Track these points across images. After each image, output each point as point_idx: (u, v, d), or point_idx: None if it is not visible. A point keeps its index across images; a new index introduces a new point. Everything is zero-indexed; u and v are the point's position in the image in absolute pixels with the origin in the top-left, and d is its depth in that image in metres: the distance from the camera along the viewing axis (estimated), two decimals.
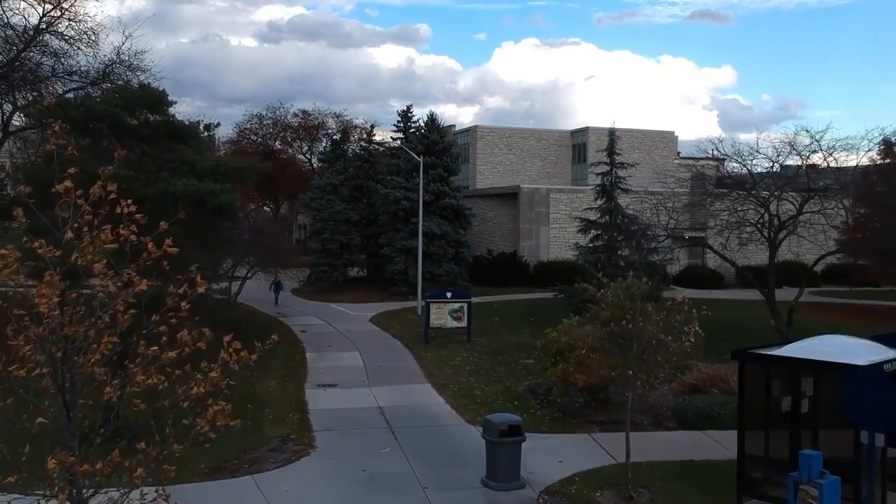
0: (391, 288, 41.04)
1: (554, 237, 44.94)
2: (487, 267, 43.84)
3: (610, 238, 31.48)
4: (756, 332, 25.67)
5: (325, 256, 42.76)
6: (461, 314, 27.39)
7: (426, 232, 39.41)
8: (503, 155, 62.44)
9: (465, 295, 28.05)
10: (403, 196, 40.49)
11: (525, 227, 44.49)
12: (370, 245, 44.79)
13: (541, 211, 44.66)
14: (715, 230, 26.81)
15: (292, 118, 67.16)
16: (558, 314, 35.17)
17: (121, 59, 28.17)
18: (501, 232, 47.83)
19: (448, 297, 27.50)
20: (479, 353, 25.58)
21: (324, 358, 25.10)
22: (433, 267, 40.34)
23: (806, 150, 19.38)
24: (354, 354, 25.61)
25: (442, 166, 41.22)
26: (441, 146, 41.40)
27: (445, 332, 27.77)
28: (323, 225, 42.69)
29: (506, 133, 63.12)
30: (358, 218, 43.94)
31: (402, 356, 25.36)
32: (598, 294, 17.41)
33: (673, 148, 66.75)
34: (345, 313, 35.55)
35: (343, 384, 21.22)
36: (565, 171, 64.69)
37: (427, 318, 27.23)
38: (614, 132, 31.74)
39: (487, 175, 61.83)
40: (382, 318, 33.76)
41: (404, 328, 30.83)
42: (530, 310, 35.31)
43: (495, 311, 35.00)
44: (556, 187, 48.18)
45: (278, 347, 25.92)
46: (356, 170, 46.27)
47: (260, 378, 21.63)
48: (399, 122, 48.24)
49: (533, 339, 27.81)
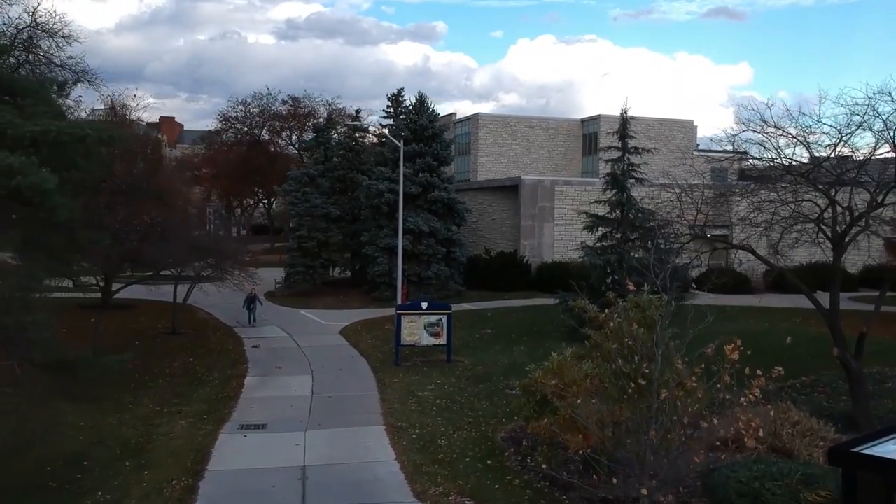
0: (374, 292, 36.30)
1: (559, 235, 39.99)
2: (485, 268, 38.97)
3: (621, 236, 26.55)
4: (805, 356, 20.74)
5: (301, 256, 38.04)
6: (439, 329, 22.58)
7: (412, 229, 34.64)
8: (507, 145, 57.54)
9: (443, 305, 23.21)
10: (387, 188, 35.71)
11: (527, 224, 39.59)
12: (354, 244, 40.05)
13: (545, 206, 39.72)
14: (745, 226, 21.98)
15: (281, 106, 62.40)
16: (561, 327, 30.40)
17: (37, 22, 23.56)
18: (501, 229, 42.93)
19: (423, 307, 22.68)
20: (457, 378, 20.76)
21: (266, 384, 20.38)
22: (420, 269, 35.58)
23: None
24: (305, 379, 20.87)
25: (431, 154, 36.38)
26: (431, 131, 36.53)
27: (421, 351, 22.99)
28: (299, 221, 37.96)
29: (510, 121, 58.19)
30: (339, 213, 39.17)
31: (362, 382, 20.58)
32: (600, 316, 12.65)
33: (692, 138, 61.53)
34: (315, 323, 30.82)
35: (274, 425, 16.48)
36: (575, 164, 59.70)
37: (398, 334, 22.45)
38: (626, 114, 26.73)
39: (490, 167, 56.98)
40: (355, 329, 29.01)
41: (377, 343, 26.07)
42: (530, 320, 30.44)
43: (488, 321, 30.16)
44: (561, 179, 43.21)
45: (214, 370, 21.27)
46: (340, 159, 41.52)
47: (168, 417, 16.94)
48: (389, 108, 43.42)
49: (528, 360, 22.98)
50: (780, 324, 27.25)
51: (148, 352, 23.88)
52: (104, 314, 29.82)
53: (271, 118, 63.04)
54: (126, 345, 24.68)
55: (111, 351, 23.33)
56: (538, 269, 39.03)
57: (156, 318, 29.47)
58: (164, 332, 27.33)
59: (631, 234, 26.31)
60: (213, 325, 29.52)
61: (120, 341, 25.24)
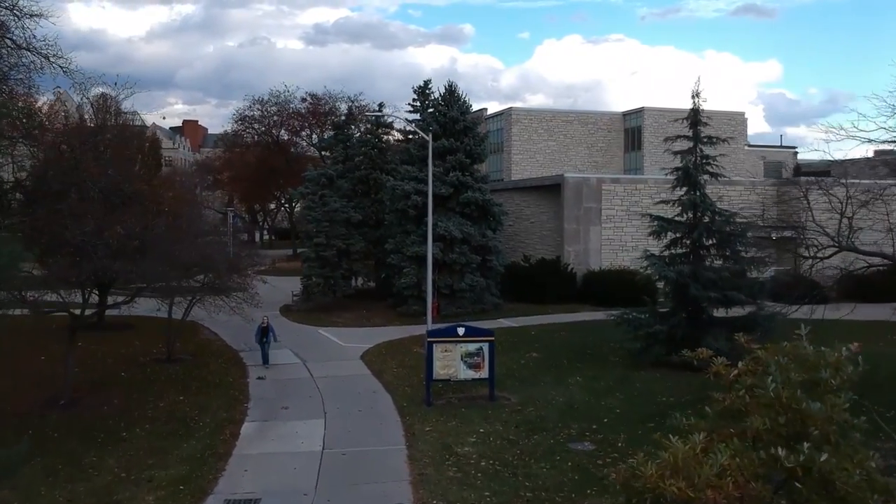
0: (400, 306, 32.29)
1: (607, 239, 35.69)
2: (523, 278, 34.78)
3: (693, 243, 22.22)
4: None
5: (320, 266, 34.15)
6: (480, 360, 18.47)
7: (443, 235, 30.59)
8: (543, 142, 53.26)
9: (484, 331, 19.05)
10: (415, 189, 31.70)
11: (571, 228, 35.32)
12: (377, 251, 36.11)
13: (591, 206, 35.42)
14: None
15: (300, 104, 58.64)
16: (619, 348, 26.14)
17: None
18: (540, 233, 38.70)
19: (460, 333, 18.57)
20: (504, 425, 16.61)
21: (267, 433, 16.43)
22: (453, 280, 31.49)
23: None
24: (316, 426, 16.89)
25: (463, 150, 32.29)
26: (462, 125, 32.45)
27: (458, 386, 18.91)
28: (316, 227, 34.09)
29: (546, 116, 53.90)
30: (361, 217, 35.24)
31: (386, 430, 16.55)
32: (731, 375, 8.48)
33: (743, 132, 56.79)
34: (332, 345, 26.89)
35: (270, 499, 12.51)
36: (616, 161, 55.25)
37: (429, 367, 18.37)
38: (699, 96, 22.34)
39: (524, 166, 52.77)
40: (379, 352, 25.01)
41: (404, 371, 22.04)
42: (580, 340, 26.23)
43: (532, 342, 25.98)
44: (609, 176, 38.84)
45: (206, 412, 17.42)
46: (362, 158, 37.60)
47: (133, 489, 13.02)
48: (415, 101, 39.42)
49: (589, 396, 18.79)
50: (888, 348, 22.65)
51: (133, 387, 20.10)
52: (94, 336, 26.34)
53: (290, 117, 59.33)
54: (107, 379, 20.96)
55: (84, 388, 19.72)
56: (584, 279, 34.77)
57: (153, 339, 25.73)
58: (157, 359, 23.58)
59: (706, 239, 21.98)
60: (215, 349, 25.71)
61: (101, 374, 21.54)
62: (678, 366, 21.02)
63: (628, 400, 18.46)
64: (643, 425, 16.31)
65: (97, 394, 19.22)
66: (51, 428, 16.34)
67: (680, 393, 18.86)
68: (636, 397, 18.71)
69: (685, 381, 19.89)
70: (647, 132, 53.57)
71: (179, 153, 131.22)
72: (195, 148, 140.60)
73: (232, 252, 36.46)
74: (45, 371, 20.47)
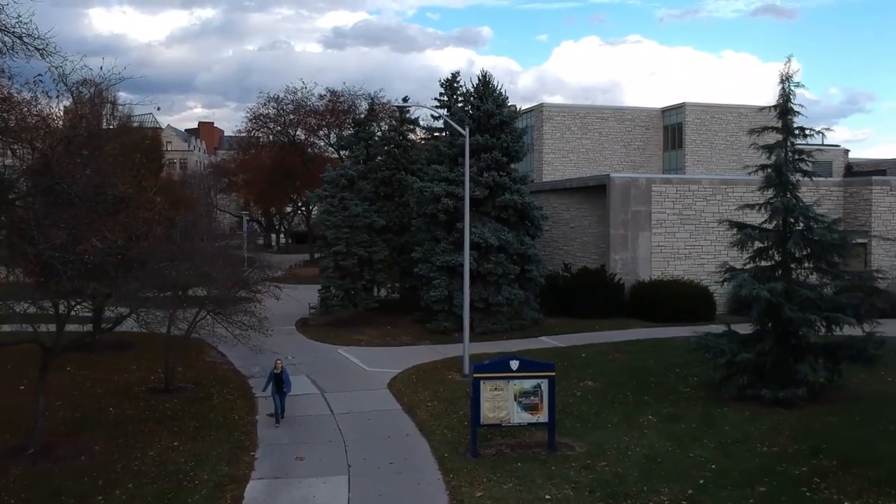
0: (430, 322, 28.95)
1: (658, 246, 32.16)
2: (565, 289, 31.35)
3: (783, 255, 18.66)
4: None
5: (339, 277, 30.88)
6: (538, 400, 15.06)
7: (478, 242, 27.25)
8: (576, 140, 49.74)
9: (542, 365, 15.58)
10: (445, 191, 28.37)
11: (617, 234, 31.82)
12: (403, 259, 32.83)
13: (639, 210, 31.90)
14: None
15: (318, 101, 55.37)
16: (687, 374, 22.61)
17: None
18: (582, 239, 35.22)
19: (513, 367, 15.15)
20: (575, 489, 13.17)
21: (277, 497, 13.12)
22: (488, 292, 28.13)
23: None
24: (338, 485, 13.57)
25: (500, 148, 28.91)
26: (498, 119, 29.06)
27: (508, 430, 15.52)
28: (335, 233, 30.82)
29: (580, 112, 50.37)
30: (385, 223, 31.96)
31: (425, 495, 13.17)
32: None
33: None
34: (355, 369, 23.59)
35: None
36: (655, 159, 51.65)
37: (476, 409, 14.98)
38: (789, 78, 18.77)
39: (557, 165, 49.30)
40: (409, 379, 21.68)
41: (440, 406, 18.69)
42: (640, 364, 22.76)
43: (584, 366, 22.56)
44: (660, 176, 35.29)
45: (203, 466, 14.20)
46: (385, 157, 34.35)
47: None
48: (441, 95, 36.17)
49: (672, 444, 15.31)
50: None
51: (120, 428, 16.88)
52: (86, 360, 23.26)
53: (307, 115, 56.12)
54: (92, 416, 17.77)
55: (63, 429, 16.56)
56: (633, 291, 31.29)
57: (153, 362, 22.59)
58: (154, 389, 20.41)
59: (800, 250, 18.41)
60: (221, 375, 22.50)
61: (85, 409, 18.37)
62: (768, 401, 17.53)
63: (722, 449, 14.98)
64: (752, 488, 12.88)
65: (76, 438, 16.02)
66: (7, 490, 13.14)
67: (784, 440, 15.39)
68: (730, 446, 15.21)
69: (786, 424, 16.40)
70: (688, 129, 49.92)
71: (195, 155, 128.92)
72: (211, 150, 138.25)
73: (246, 258, 33.32)
74: (23, 405, 17.35)
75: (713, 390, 19.21)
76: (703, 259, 32.52)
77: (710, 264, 32.66)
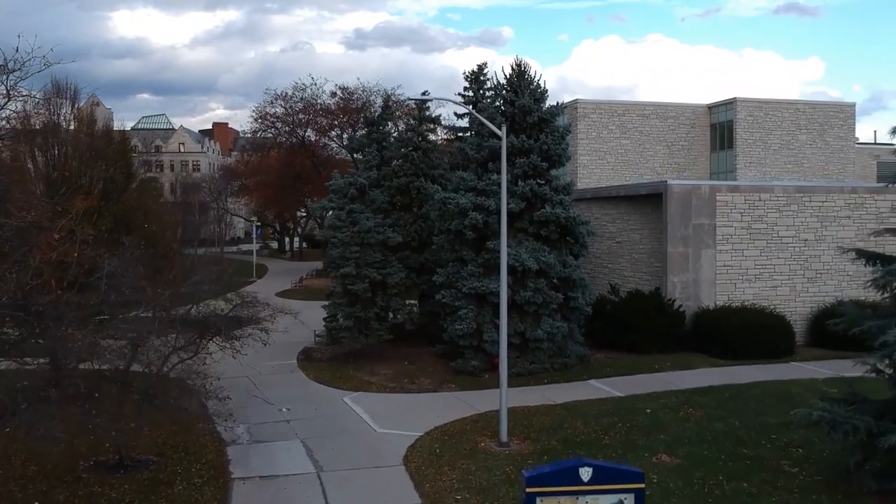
0: (455, 360, 24.22)
1: (723, 266, 27.17)
2: (612, 317, 26.49)
3: None
4: None
5: (348, 304, 26.19)
6: None
7: (513, 265, 22.48)
8: (615, 140, 44.75)
9: (626, 473, 10.75)
10: (472, 203, 23.63)
11: (676, 252, 26.88)
12: (422, 281, 28.14)
13: (702, 223, 26.94)
14: None
15: (329, 98, 50.76)
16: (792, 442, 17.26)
17: None
18: (631, 256, 30.30)
19: (584, 479, 10.36)
20: None
21: None
22: (525, 325, 23.36)
23: None
24: None
25: (538, 151, 24.11)
26: (537, 116, 24.24)
27: None
28: (343, 252, 26.17)
29: (618, 110, 45.37)
30: (401, 239, 27.27)
31: None
32: None
33: (851, 126, 47.46)
34: (364, 430, 18.85)
35: None
36: (702, 161, 46.53)
37: None
38: None
39: (593, 169, 44.33)
40: (432, 450, 16.90)
41: (473, 498, 13.92)
42: (725, 424, 17.85)
43: (653, 429, 17.69)
44: (725, 183, 30.22)
45: None
46: (401, 162, 29.69)
47: None
48: (466, 90, 31.40)
49: None
50: None
51: None
52: None
53: (317, 114, 51.52)
54: None
55: None
56: (695, 319, 26.37)
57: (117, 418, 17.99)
58: (104, 465, 15.86)
59: None
60: (194, 441, 17.80)
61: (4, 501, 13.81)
62: None
63: None
64: None
65: None
66: None
67: None
68: None
69: None
70: (740, 127, 44.78)
71: (208, 157, 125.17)
72: (225, 152, 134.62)
73: (255, 267, 29.01)
74: None
75: (833, 471, 14.34)
76: (776, 281, 27.55)
77: (783, 286, 27.79)
